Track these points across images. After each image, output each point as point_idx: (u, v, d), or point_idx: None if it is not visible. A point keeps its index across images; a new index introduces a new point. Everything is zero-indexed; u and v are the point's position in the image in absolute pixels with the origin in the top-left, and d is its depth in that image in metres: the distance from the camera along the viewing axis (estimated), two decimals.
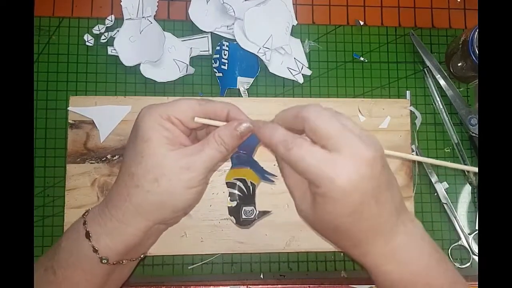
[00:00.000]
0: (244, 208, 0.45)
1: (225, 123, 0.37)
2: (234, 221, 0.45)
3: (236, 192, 0.44)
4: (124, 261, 0.37)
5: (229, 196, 0.45)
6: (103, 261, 0.36)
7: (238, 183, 0.44)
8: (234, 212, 0.45)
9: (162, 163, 0.35)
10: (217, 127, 0.37)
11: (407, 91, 0.55)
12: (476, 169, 0.39)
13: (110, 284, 0.39)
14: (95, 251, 0.36)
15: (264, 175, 0.45)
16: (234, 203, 0.45)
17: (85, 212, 0.38)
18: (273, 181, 0.46)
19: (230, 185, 0.44)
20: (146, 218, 0.36)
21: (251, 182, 0.45)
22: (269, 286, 0.50)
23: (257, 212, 0.46)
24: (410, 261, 0.35)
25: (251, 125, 0.37)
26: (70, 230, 0.38)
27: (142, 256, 0.40)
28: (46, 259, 0.37)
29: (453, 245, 0.53)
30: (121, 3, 0.53)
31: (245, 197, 0.45)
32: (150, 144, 0.35)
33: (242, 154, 0.42)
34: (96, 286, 0.37)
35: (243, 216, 0.45)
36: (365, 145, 0.32)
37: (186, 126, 0.37)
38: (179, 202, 0.36)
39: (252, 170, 0.44)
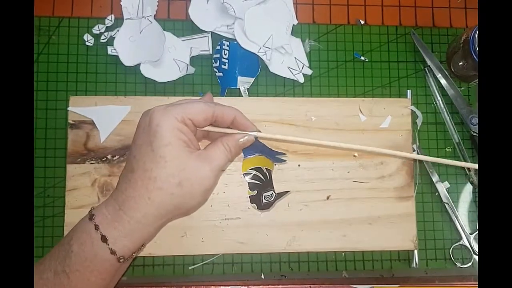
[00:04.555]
0: (264, 194, 0.48)
1: (230, 130, 0.42)
2: (256, 207, 0.48)
3: (254, 181, 0.48)
4: (134, 254, 0.39)
5: (248, 186, 0.48)
6: (121, 260, 0.37)
7: (255, 172, 0.48)
8: (256, 199, 0.48)
9: (187, 167, 0.37)
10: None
11: (408, 91, 0.55)
12: (475, 166, 0.40)
13: (118, 275, 0.41)
14: (113, 253, 0.37)
15: (275, 156, 0.48)
16: (254, 192, 0.48)
17: (92, 215, 0.38)
18: (285, 160, 0.49)
19: (247, 175, 0.48)
20: (166, 217, 0.38)
21: (266, 169, 0.48)
22: (270, 286, 0.50)
23: (276, 194, 0.49)
24: None
25: (252, 138, 0.42)
26: (79, 233, 0.38)
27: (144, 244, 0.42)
28: (54, 262, 0.37)
29: (454, 245, 0.53)
30: (121, 3, 0.52)
31: (263, 184, 0.48)
32: (172, 148, 0.37)
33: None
34: (109, 281, 0.39)
35: (264, 201, 0.48)
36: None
37: (196, 126, 0.39)
38: (195, 203, 0.39)
39: (263, 156, 0.47)
